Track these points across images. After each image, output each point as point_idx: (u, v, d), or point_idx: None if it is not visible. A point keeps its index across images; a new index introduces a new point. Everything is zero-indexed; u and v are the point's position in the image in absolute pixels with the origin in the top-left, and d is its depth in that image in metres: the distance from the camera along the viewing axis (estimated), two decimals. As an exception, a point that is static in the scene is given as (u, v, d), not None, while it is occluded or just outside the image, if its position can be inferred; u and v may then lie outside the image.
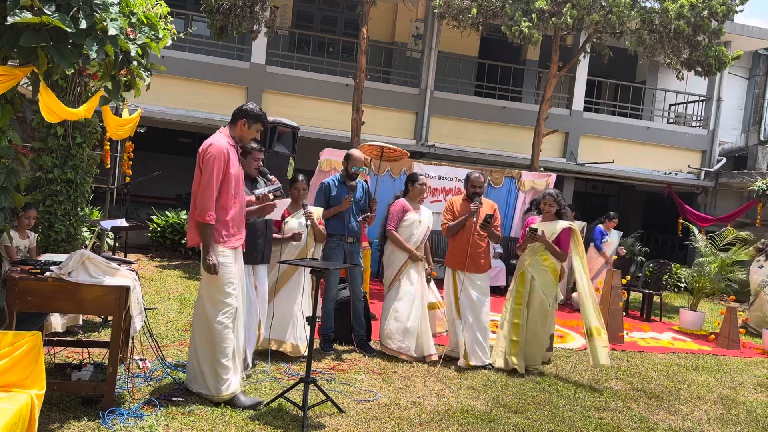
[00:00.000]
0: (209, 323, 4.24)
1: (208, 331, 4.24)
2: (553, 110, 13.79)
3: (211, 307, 4.25)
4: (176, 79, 12.53)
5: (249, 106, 4.42)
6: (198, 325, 4.34)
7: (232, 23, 10.86)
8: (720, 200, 15.87)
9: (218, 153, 4.15)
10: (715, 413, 5.30)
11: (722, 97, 15.72)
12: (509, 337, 5.92)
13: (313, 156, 10.41)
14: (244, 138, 4.43)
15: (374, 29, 13.17)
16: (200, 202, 4.13)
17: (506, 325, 5.97)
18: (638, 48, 11.19)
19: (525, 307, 5.93)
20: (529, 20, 10.74)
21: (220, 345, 4.23)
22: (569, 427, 4.60)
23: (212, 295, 4.25)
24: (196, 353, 4.32)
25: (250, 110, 4.38)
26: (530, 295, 5.94)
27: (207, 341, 4.25)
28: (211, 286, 4.25)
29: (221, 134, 4.31)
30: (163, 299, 7.44)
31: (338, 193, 5.98)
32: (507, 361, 5.87)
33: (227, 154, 4.21)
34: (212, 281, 4.23)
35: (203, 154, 4.18)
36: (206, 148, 4.20)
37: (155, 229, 11.01)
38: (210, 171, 4.13)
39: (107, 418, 3.78)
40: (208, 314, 4.25)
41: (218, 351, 4.23)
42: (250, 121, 4.37)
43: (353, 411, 4.44)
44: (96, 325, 5.92)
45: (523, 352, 5.91)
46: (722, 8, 10.93)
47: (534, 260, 5.94)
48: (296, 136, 7.99)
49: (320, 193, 6.07)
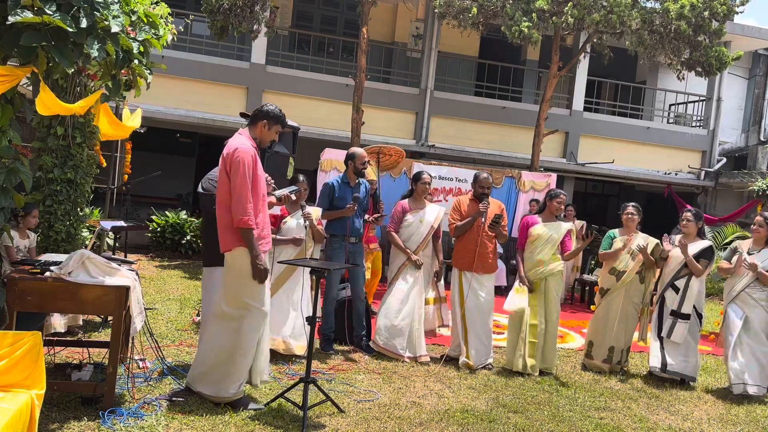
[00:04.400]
0: (236, 328, 4.14)
1: (235, 336, 4.15)
2: (553, 110, 13.79)
3: (239, 311, 4.15)
4: (176, 79, 12.53)
5: (269, 107, 4.33)
6: (219, 329, 4.22)
7: (232, 23, 10.87)
8: (720, 200, 15.87)
9: (246, 156, 4.07)
10: (715, 413, 5.30)
11: (722, 97, 15.72)
12: (527, 339, 5.83)
13: (313, 156, 10.41)
14: (263, 139, 4.33)
15: (374, 29, 13.17)
16: (237, 209, 4.02)
17: (523, 327, 5.87)
18: (639, 48, 11.19)
19: (542, 308, 5.91)
20: (530, 20, 10.74)
21: (243, 349, 4.18)
22: (569, 427, 4.60)
23: (240, 299, 4.15)
24: (213, 355, 4.21)
25: (272, 111, 4.30)
26: (546, 296, 5.92)
27: (231, 345, 4.16)
28: (241, 290, 4.15)
29: (243, 136, 4.22)
30: (163, 299, 7.44)
31: (341, 194, 5.96)
32: (525, 364, 5.81)
33: (255, 156, 4.14)
34: (244, 286, 4.14)
35: (231, 159, 4.07)
36: (233, 152, 4.08)
37: (155, 229, 11.02)
38: (242, 176, 4.03)
39: (107, 418, 3.78)
40: (236, 319, 4.15)
41: (240, 355, 4.17)
42: (271, 122, 4.29)
43: (353, 411, 4.44)
44: (96, 325, 5.92)
45: (541, 354, 5.90)
46: (723, 8, 10.92)
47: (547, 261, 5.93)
48: (296, 136, 7.96)
49: (324, 193, 6.06)
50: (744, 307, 5.85)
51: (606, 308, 6.25)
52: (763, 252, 5.86)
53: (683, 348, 5.96)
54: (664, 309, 6.05)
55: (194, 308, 6.86)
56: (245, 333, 4.16)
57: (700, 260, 5.92)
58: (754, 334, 5.80)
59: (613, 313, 6.19)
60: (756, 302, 5.81)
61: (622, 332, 6.19)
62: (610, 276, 6.26)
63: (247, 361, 4.24)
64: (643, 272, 6.20)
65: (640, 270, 6.17)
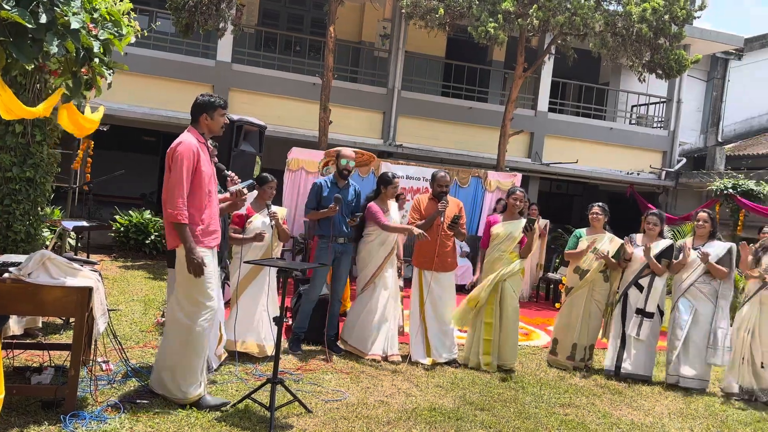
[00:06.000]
0: (188, 326, 4.13)
1: (186, 334, 4.13)
2: (519, 111, 13.95)
3: (190, 309, 4.14)
4: (140, 76, 12.33)
5: (199, 98, 4.28)
6: (173, 328, 4.21)
7: (197, 21, 10.73)
8: (680, 200, 16.25)
9: (187, 151, 4.07)
10: (676, 408, 5.42)
11: (682, 99, 16.10)
12: (482, 337, 5.94)
13: (280, 155, 10.36)
14: (213, 129, 4.31)
15: (341, 28, 13.14)
16: (170, 202, 4.03)
17: (479, 325, 5.99)
18: (602, 50, 11.39)
19: (497, 306, 5.98)
20: (496, 21, 10.85)
21: (196, 348, 4.15)
22: (535, 423, 4.66)
23: (191, 296, 4.14)
24: (168, 355, 4.21)
25: (203, 101, 4.25)
26: (502, 294, 5.99)
27: (183, 344, 4.15)
28: (190, 287, 4.14)
29: (189, 134, 4.22)
30: (126, 300, 7.32)
31: (330, 194, 5.96)
32: (480, 361, 5.91)
33: (197, 152, 4.13)
34: (191, 283, 4.12)
35: (172, 154, 4.09)
36: (175, 147, 4.10)
37: (119, 229, 10.82)
38: (179, 171, 4.03)
39: (69, 422, 3.71)
40: (187, 317, 4.14)
41: (193, 353, 4.15)
42: (209, 111, 4.25)
43: (321, 411, 4.43)
44: (57, 327, 5.80)
45: (497, 351, 5.97)
46: (682, 12, 11.20)
47: (506, 261, 5.98)
48: (263, 135, 7.93)
49: (312, 193, 6.06)
50: (693, 301, 6.03)
51: (570, 306, 6.36)
52: (707, 246, 6.06)
53: (644, 346, 6.10)
54: (628, 307, 6.18)
55: (158, 309, 6.76)
56: (197, 332, 4.15)
57: (662, 259, 6.06)
58: (701, 327, 5.97)
59: (577, 312, 6.29)
60: (705, 296, 6.00)
61: (585, 330, 6.30)
62: (575, 275, 6.37)
63: (201, 359, 4.22)
64: (607, 271, 6.32)
65: (605, 269, 6.28)
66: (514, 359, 6.08)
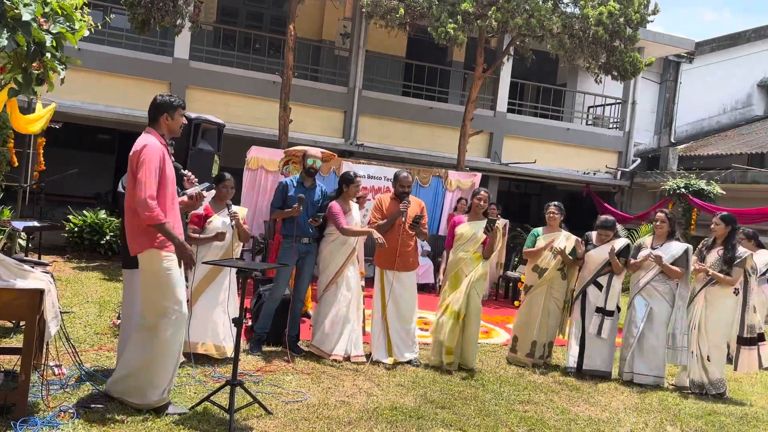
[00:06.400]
0: (157, 331, 4.02)
1: (155, 339, 4.02)
2: (478, 111, 14.07)
3: (158, 313, 4.03)
4: (95, 73, 12.03)
5: (159, 98, 4.19)
6: (141, 333, 4.10)
7: (154, 17, 10.50)
8: (635, 199, 16.63)
9: (154, 153, 3.97)
10: (631, 403, 5.55)
11: (636, 101, 16.47)
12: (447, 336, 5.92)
13: (239, 154, 10.23)
14: (173, 129, 4.23)
15: (301, 26, 13.04)
16: (143, 206, 3.89)
17: (442, 326, 5.98)
18: (559, 51, 11.57)
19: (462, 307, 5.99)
20: (455, 22, 10.93)
21: (166, 352, 4.05)
22: (495, 420, 4.71)
23: (159, 301, 4.04)
24: (134, 360, 4.08)
25: (163, 101, 4.17)
26: (467, 296, 5.98)
27: (151, 348, 4.03)
28: (159, 291, 4.04)
29: (151, 135, 4.10)
30: (81, 302, 7.14)
31: (295, 194, 5.93)
32: (443, 361, 5.92)
33: (162, 155, 4.04)
34: (157, 287, 4.03)
35: (137, 157, 3.96)
36: (141, 150, 3.97)
37: (72, 230, 10.53)
38: (148, 171, 3.92)
39: (20, 428, 3.59)
40: (156, 322, 4.03)
41: (163, 358, 4.04)
42: (170, 111, 4.17)
43: (281, 412, 4.39)
44: (7, 330, 5.61)
45: (459, 351, 5.99)
46: (636, 16, 11.50)
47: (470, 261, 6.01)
48: (221, 134, 7.81)
49: (278, 192, 6.02)
50: (648, 299, 6.17)
51: (529, 304, 6.44)
52: (665, 246, 6.19)
53: (607, 343, 6.21)
54: (587, 306, 6.28)
55: (114, 311, 6.60)
56: (167, 339, 4.04)
57: (619, 258, 6.19)
58: (656, 325, 6.12)
59: (536, 309, 6.38)
60: (660, 295, 6.14)
61: (545, 327, 6.39)
62: (533, 273, 6.45)
63: (171, 366, 4.12)
64: (565, 269, 6.42)
65: (562, 267, 6.38)
66: (475, 360, 6.13)
